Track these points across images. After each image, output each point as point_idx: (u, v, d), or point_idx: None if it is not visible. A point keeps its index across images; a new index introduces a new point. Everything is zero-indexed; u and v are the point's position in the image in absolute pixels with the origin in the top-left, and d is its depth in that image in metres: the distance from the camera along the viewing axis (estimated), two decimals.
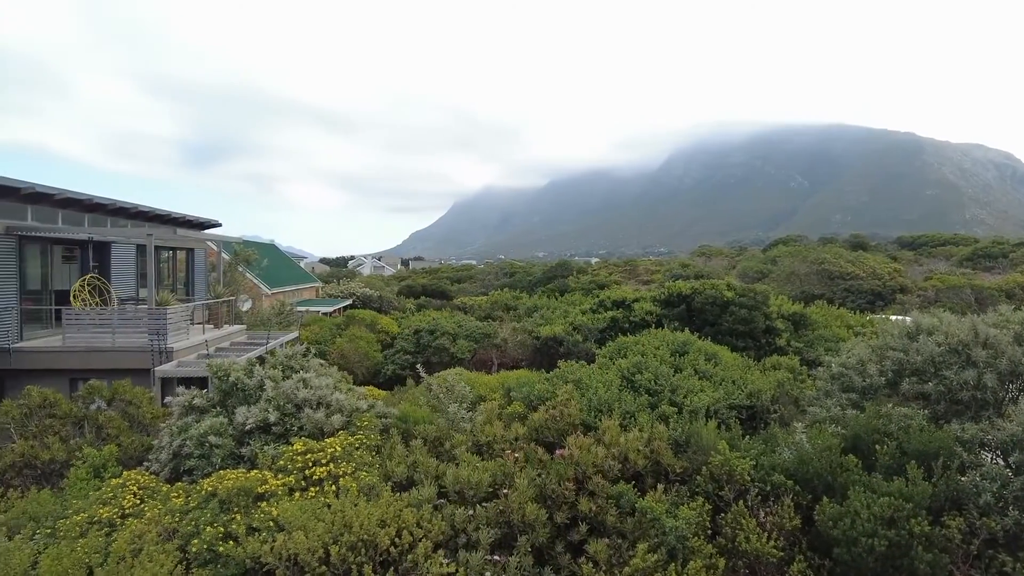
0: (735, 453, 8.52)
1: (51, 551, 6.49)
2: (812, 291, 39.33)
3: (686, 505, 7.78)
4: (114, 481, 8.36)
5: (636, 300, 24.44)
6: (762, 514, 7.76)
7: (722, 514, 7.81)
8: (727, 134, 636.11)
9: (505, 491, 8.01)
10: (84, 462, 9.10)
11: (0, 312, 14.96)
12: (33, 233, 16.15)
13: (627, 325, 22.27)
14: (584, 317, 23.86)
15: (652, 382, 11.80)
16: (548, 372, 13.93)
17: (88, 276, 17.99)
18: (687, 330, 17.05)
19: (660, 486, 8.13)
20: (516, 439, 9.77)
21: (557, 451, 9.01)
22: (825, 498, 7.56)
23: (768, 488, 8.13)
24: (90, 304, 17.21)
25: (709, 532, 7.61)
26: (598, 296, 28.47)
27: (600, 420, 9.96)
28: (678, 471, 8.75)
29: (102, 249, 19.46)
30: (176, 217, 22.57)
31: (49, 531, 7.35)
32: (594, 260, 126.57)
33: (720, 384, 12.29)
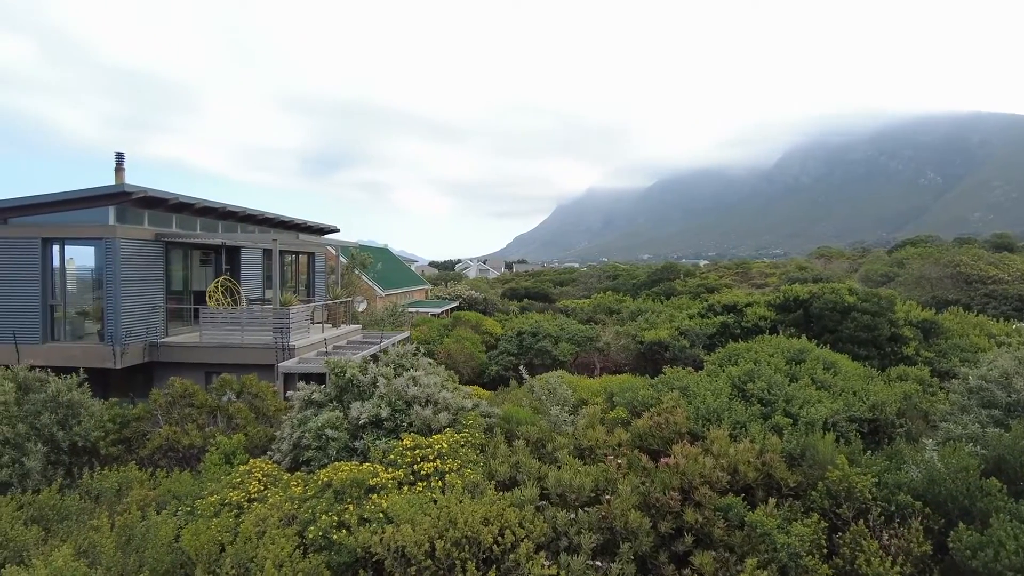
0: (855, 469, 7.99)
1: (190, 527, 7.14)
2: (945, 296, 35.98)
3: (800, 521, 7.38)
4: (242, 468, 9.05)
5: (748, 304, 23.41)
6: (885, 536, 7.22)
7: (839, 533, 7.35)
8: (848, 128, 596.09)
9: (607, 497, 7.94)
10: (217, 449, 9.93)
11: (150, 310, 16.64)
12: (176, 239, 17.82)
13: (738, 331, 21.38)
14: (691, 322, 23.15)
15: (765, 391, 11.26)
16: (652, 378, 13.65)
17: (221, 278, 19.62)
18: (804, 337, 16.13)
19: (771, 500, 7.77)
20: (619, 445, 9.67)
21: (662, 459, 8.82)
22: (961, 524, 6.92)
23: (893, 508, 7.56)
24: (223, 304, 18.75)
25: (825, 551, 7.18)
26: (707, 300, 27.52)
27: (708, 429, 9.66)
28: (791, 485, 8.32)
29: (233, 253, 21.14)
30: (299, 223, 24.11)
31: (188, 509, 8.08)
32: (703, 263, 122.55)
33: (839, 395, 11.53)
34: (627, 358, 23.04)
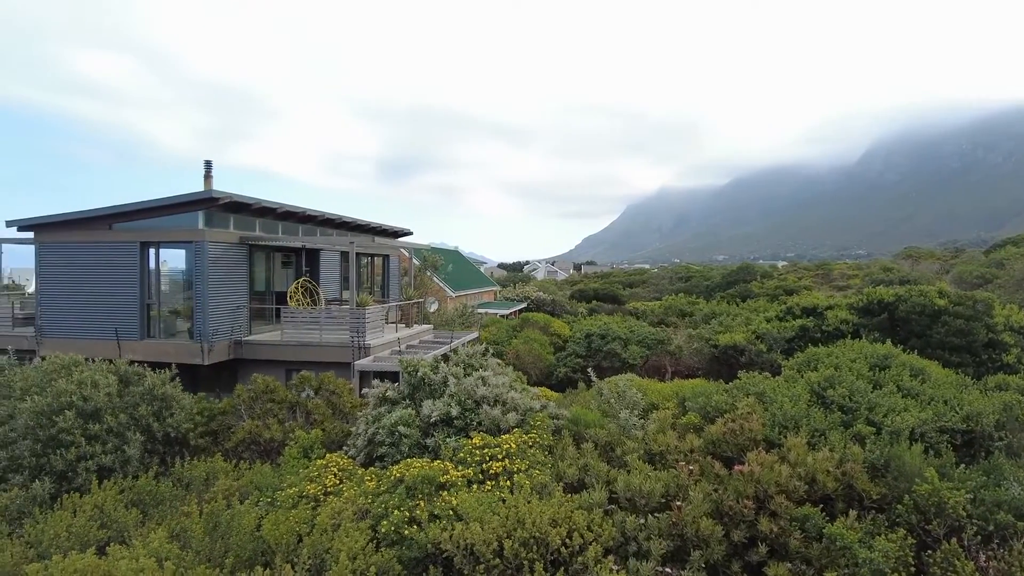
0: (946, 483, 7.53)
1: (271, 517, 7.49)
2: None
3: (884, 536, 7.02)
4: (319, 462, 9.41)
5: (829, 307, 22.43)
6: (983, 557, 6.78)
7: (929, 551, 6.95)
8: (939, 120, 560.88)
9: (678, 503, 7.81)
10: (296, 443, 10.35)
11: (235, 310, 17.52)
12: (260, 242, 18.68)
13: (818, 335, 20.52)
14: (769, 325, 22.38)
15: (846, 398, 10.77)
16: (727, 383, 13.30)
17: (301, 279, 20.44)
18: (888, 342, 15.31)
19: (852, 512, 7.43)
20: (691, 451, 9.48)
21: (735, 467, 8.59)
22: None
23: (991, 528, 7.08)
24: (303, 304, 19.53)
25: (912, 570, 6.79)
26: (785, 302, 26.53)
27: (785, 437, 9.33)
28: (874, 497, 7.93)
29: (312, 255, 21.98)
30: (374, 226, 24.82)
31: (269, 500, 8.48)
32: (781, 263, 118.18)
33: (928, 404, 10.88)
34: (700, 362, 22.51)
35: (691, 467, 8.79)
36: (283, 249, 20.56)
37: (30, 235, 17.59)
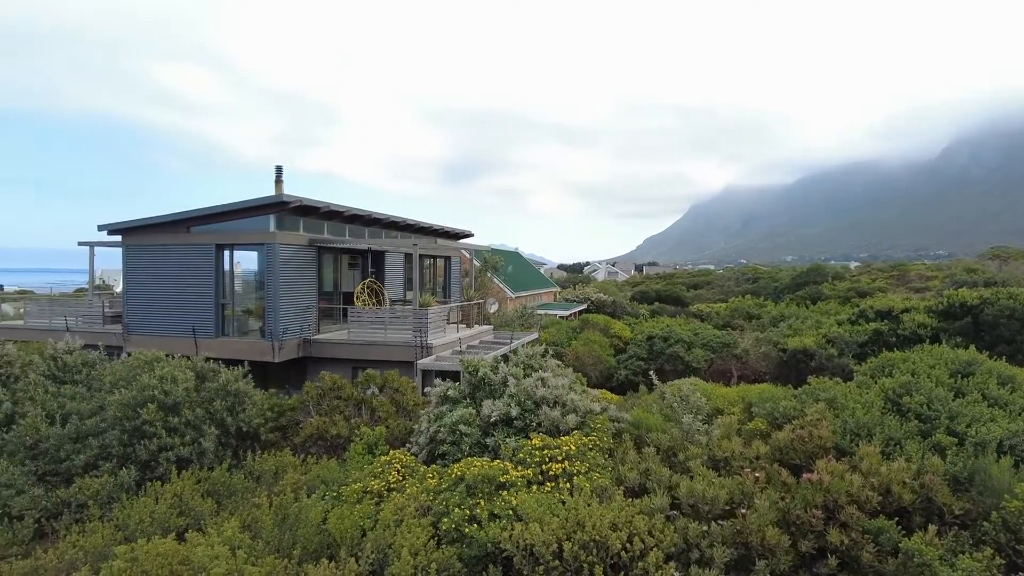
0: None
1: (336, 511, 7.72)
2: None
3: (968, 554, 6.64)
4: (383, 458, 9.63)
5: (906, 310, 21.38)
6: None
7: (1019, 574, 6.52)
8: None
9: (743, 511, 7.61)
10: (361, 439, 10.62)
11: (304, 309, 18.14)
12: (328, 244, 19.28)
13: (893, 339, 19.58)
14: (840, 328, 21.52)
15: (924, 406, 10.23)
16: (796, 388, 12.86)
17: (367, 280, 20.96)
18: (972, 347, 14.46)
19: (932, 527, 7.06)
20: (757, 458, 9.23)
21: (804, 475, 8.30)
22: None
23: None
24: (368, 304, 20.03)
25: None
26: (858, 305, 25.47)
27: (857, 445, 8.96)
28: (956, 512, 7.51)
29: (378, 257, 22.51)
30: (436, 229, 25.21)
31: (335, 495, 8.73)
32: (853, 264, 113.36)
33: (1019, 414, 10.21)
34: (767, 367, 21.83)
35: (757, 474, 8.55)
36: (350, 251, 21.13)
37: (118, 238, 18.72)
